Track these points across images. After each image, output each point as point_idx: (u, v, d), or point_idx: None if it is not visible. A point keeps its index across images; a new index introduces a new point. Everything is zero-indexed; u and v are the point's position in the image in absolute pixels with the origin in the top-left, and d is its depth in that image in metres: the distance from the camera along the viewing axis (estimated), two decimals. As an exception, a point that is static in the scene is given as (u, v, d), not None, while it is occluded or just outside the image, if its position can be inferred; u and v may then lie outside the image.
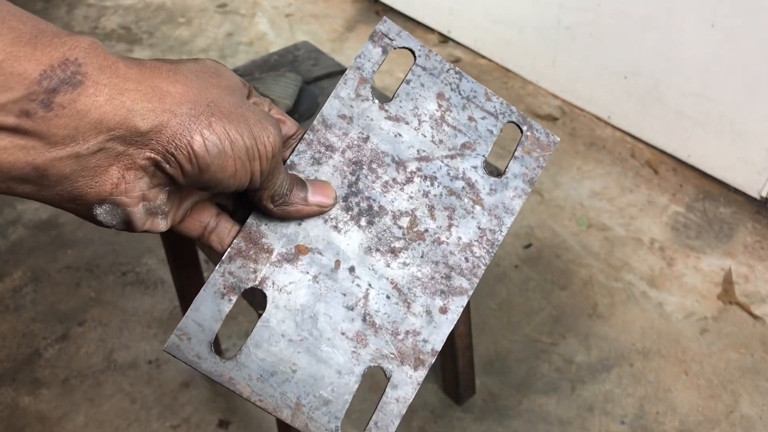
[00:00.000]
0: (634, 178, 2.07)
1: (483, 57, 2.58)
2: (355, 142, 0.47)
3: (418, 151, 0.48)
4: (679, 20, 1.91)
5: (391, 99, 0.48)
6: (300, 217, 0.45)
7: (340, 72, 1.35)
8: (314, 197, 0.44)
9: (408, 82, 0.48)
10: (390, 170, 0.47)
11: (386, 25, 0.48)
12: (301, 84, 1.29)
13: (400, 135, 0.48)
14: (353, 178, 0.46)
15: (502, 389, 1.54)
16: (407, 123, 0.48)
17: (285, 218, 0.45)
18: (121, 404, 1.52)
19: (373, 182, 0.47)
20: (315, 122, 0.47)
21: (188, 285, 1.45)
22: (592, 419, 1.48)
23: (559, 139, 0.50)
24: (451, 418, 1.48)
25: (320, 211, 0.45)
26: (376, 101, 0.47)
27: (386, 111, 0.48)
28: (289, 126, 0.46)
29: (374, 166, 0.47)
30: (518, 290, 1.75)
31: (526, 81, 2.46)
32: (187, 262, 1.42)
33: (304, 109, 1.25)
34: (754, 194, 1.96)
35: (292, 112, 1.23)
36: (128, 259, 1.83)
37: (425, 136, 0.48)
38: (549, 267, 1.81)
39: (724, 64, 1.87)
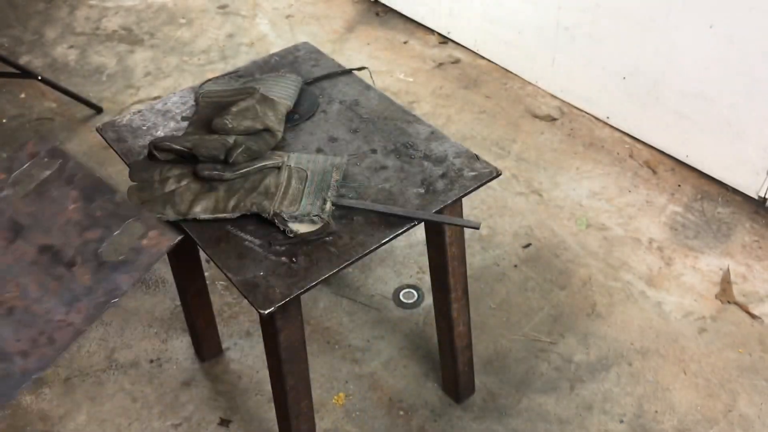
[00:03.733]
0: (632, 179, 2.08)
1: (482, 58, 2.59)
2: None
3: None
4: (679, 20, 1.92)
5: None
6: None
7: (340, 73, 1.36)
8: None
9: None
10: None
11: None
12: (302, 85, 1.30)
13: None
14: None
15: (501, 388, 1.54)
16: None
17: None
18: (123, 403, 1.53)
19: None
20: None
21: (189, 285, 1.46)
22: (591, 418, 1.48)
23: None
24: (451, 417, 1.49)
25: None
26: None
27: None
28: None
29: None
30: (517, 290, 1.76)
31: (526, 81, 2.47)
32: (189, 262, 1.43)
33: (304, 109, 1.26)
34: (753, 194, 1.97)
35: (292, 113, 1.24)
36: (129, 258, 1.84)
37: None
38: (548, 267, 1.82)
39: (723, 64, 1.87)
